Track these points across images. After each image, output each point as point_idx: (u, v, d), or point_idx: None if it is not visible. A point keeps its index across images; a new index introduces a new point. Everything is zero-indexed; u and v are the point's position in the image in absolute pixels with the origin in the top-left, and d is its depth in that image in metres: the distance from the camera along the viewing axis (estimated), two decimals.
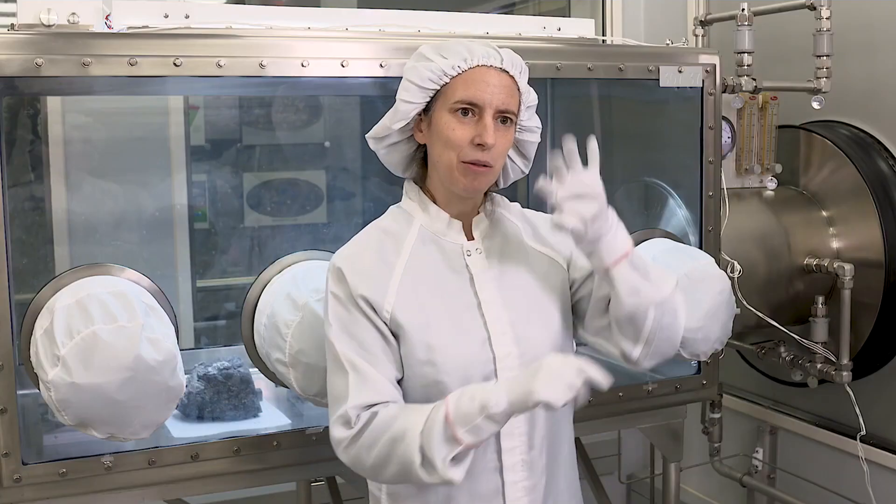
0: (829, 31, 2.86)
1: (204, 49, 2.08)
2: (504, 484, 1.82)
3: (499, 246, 1.90)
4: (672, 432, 2.77)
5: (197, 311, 2.99)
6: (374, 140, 1.89)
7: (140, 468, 2.10)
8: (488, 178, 1.82)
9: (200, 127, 3.02)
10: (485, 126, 1.76)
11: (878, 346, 2.97)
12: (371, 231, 1.89)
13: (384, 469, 1.71)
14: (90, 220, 2.76)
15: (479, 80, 1.78)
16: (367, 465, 1.73)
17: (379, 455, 1.70)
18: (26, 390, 2.11)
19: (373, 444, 1.71)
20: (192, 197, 2.96)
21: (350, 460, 1.75)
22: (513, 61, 1.83)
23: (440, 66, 1.79)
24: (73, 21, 2.04)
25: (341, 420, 1.73)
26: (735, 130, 2.97)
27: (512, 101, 1.81)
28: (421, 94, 1.81)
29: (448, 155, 1.79)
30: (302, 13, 2.35)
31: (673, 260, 2.46)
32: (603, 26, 3.71)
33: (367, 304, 1.77)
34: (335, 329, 1.79)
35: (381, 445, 1.70)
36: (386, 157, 1.92)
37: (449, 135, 1.78)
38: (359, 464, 1.74)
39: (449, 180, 1.82)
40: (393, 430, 1.69)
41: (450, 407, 1.66)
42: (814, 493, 3.22)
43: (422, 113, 1.84)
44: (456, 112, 1.78)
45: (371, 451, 1.71)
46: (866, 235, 2.95)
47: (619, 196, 3.01)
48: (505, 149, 1.83)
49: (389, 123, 1.84)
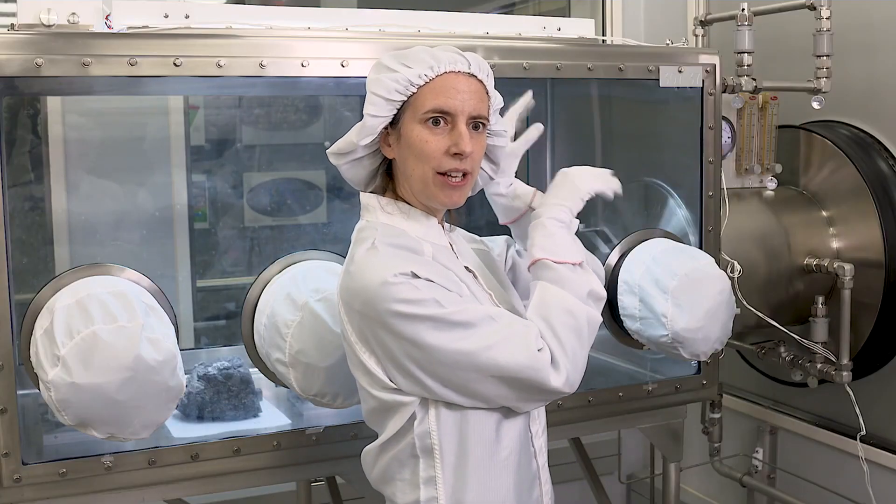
0: (829, 31, 2.86)
1: (204, 49, 2.08)
2: (538, 467, 1.86)
3: (463, 245, 1.94)
4: (672, 432, 2.77)
5: (197, 311, 2.99)
6: (337, 156, 1.83)
7: (140, 468, 2.10)
8: (464, 191, 1.79)
9: (200, 127, 3.02)
10: (460, 134, 1.72)
11: (878, 346, 2.97)
12: (389, 244, 1.75)
13: (583, 346, 1.75)
14: (90, 220, 2.76)
15: (448, 88, 1.73)
16: (576, 360, 1.73)
17: (572, 337, 1.72)
18: (26, 390, 2.11)
19: (563, 336, 1.71)
20: (192, 197, 2.96)
21: (566, 369, 1.70)
22: (479, 65, 1.78)
23: (406, 76, 1.73)
24: (73, 21, 2.04)
25: (533, 338, 1.69)
26: (735, 130, 2.97)
27: (483, 106, 1.77)
28: (388, 106, 1.76)
29: (422, 168, 1.74)
30: (302, 13, 2.35)
31: (673, 260, 2.47)
32: (603, 26, 3.71)
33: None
34: (450, 307, 1.66)
35: (568, 331, 1.72)
36: (348, 173, 1.86)
37: (423, 147, 1.73)
38: (578, 361, 1.73)
39: (424, 195, 1.78)
40: (557, 312, 1.73)
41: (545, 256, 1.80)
42: (814, 493, 3.22)
43: (388, 126, 1.78)
44: (427, 122, 1.73)
45: (568, 340, 1.71)
46: (866, 235, 2.95)
47: (619, 196, 3.01)
48: (480, 156, 1.80)
49: (356, 139, 1.79)
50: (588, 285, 1.80)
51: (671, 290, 2.40)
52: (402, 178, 1.81)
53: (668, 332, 2.40)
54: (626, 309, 2.50)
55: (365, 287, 1.69)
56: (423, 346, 1.66)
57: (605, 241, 2.90)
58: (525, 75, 2.38)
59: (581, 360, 1.75)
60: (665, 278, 2.43)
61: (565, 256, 1.80)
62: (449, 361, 1.67)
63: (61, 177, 2.72)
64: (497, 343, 1.67)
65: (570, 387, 1.73)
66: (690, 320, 2.40)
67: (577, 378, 1.74)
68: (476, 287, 1.83)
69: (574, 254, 1.82)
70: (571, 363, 1.72)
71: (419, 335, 1.66)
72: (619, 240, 2.65)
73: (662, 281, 2.43)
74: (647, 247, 2.56)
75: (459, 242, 1.93)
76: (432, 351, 1.66)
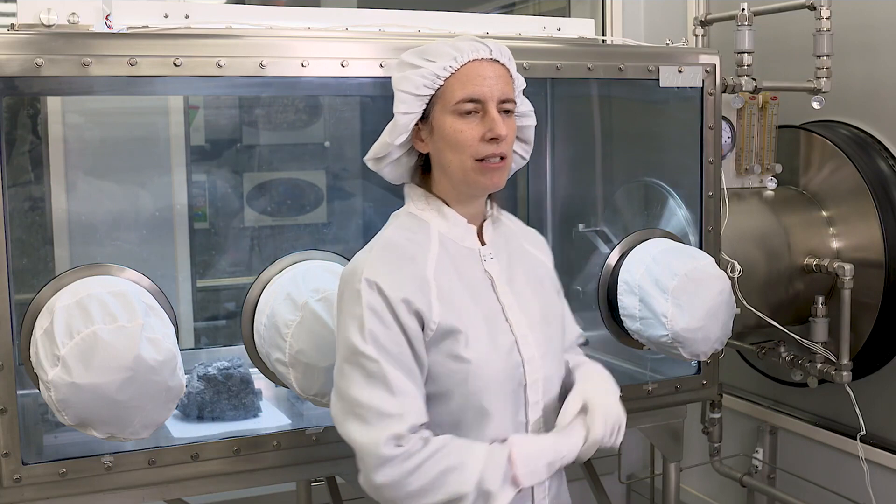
0: (829, 31, 2.86)
1: (204, 49, 2.08)
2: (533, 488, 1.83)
3: (505, 250, 1.90)
4: (672, 432, 2.77)
5: (197, 311, 2.99)
6: (375, 161, 1.86)
7: (140, 468, 2.10)
8: (505, 172, 1.81)
9: (200, 127, 3.02)
10: (493, 119, 1.75)
11: (878, 346, 2.97)
12: (390, 240, 1.81)
13: (426, 495, 1.67)
14: (90, 220, 2.76)
15: (475, 75, 1.76)
16: (407, 488, 1.67)
17: (426, 482, 1.67)
18: (26, 390, 2.11)
19: (420, 470, 1.67)
20: (192, 197, 2.96)
21: (386, 480, 1.67)
22: (500, 50, 1.81)
23: (431, 70, 1.76)
24: (73, 21, 2.04)
25: (395, 437, 1.66)
26: (735, 130, 2.97)
27: (509, 89, 1.80)
28: (417, 102, 1.78)
29: (459, 158, 1.76)
30: (302, 13, 2.35)
31: (673, 260, 2.47)
32: (603, 26, 3.71)
33: (410, 311, 1.71)
34: (371, 346, 1.69)
35: (432, 473, 1.67)
36: (390, 175, 1.88)
37: (458, 137, 1.75)
38: (398, 485, 1.67)
39: (465, 183, 1.79)
40: (448, 459, 1.68)
41: (514, 448, 1.71)
42: (814, 493, 3.22)
43: (419, 122, 1.80)
44: (459, 112, 1.75)
45: (417, 476, 1.66)
46: (866, 235, 2.95)
47: (620, 196, 3.02)
48: (513, 138, 1.82)
49: (390, 140, 1.80)
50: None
51: (671, 290, 2.40)
52: (439, 171, 1.82)
53: (668, 332, 2.40)
54: (626, 309, 2.50)
55: (344, 273, 1.80)
56: (343, 340, 1.74)
57: (605, 241, 2.90)
58: (525, 75, 2.35)
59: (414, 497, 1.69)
60: (665, 278, 2.43)
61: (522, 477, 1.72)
62: (342, 372, 1.74)
63: (61, 177, 2.72)
64: (364, 407, 1.69)
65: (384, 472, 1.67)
66: (690, 320, 2.40)
67: (388, 480, 1.67)
68: (486, 295, 1.82)
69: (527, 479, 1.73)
70: (401, 480, 1.66)
71: (347, 330, 1.73)
72: (619, 240, 2.65)
73: (662, 281, 2.43)
74: (647, 247, 2.56)
75: (499, 243, 1.89)
76: (340, 349, 1.75)
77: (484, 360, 1.76)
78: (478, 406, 1.76)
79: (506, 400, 1.79)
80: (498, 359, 1.78)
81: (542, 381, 1.84)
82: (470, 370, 1.75)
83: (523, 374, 1.81)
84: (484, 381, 1.76)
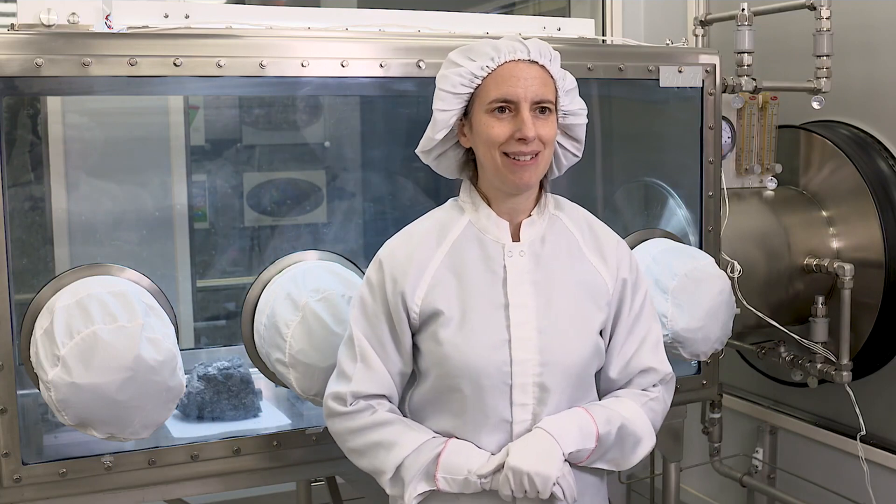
0: (829, 31, 2.86)
1: (204, 49, 2.08)
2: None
3: (549, 250, 1.88)
4: (672, 432, 2.77)
5: (197, 311, 2.98)
6: (423, 154, 1.92)
7: (140, 468, 2.10)
8: (536, 171, 1.82)
9: (200, 127, 3.02)
10: (522, 120, 1.77)
11: (878, 346, 2.97)
12: (423, 221, 1.93)
13: (357, 458, 1.87)
14: (90, 221, 2.75)
15: (509, 76, 1.79)
16: (344, 444, 1.89)
17: (359, 446, 1.85)
18: (26, 390, 2.11)
19: (358, 433, 1.85)
20: (192, 197, 2.96)
21: (333, 430, 1.90)
22: (540, 50, 1.83)
23: (469, 70, 1.80)
24: (73, 21, 2.04)
25: (338, 397, 1.86)
26: (735, 130, 2.97)
27: (546, 90, 1.81)
28: (456, 100, 1.82)
29: (490, 153, 1.80)
30: (302, 13, 2.35)
31: (673, 260, 2.47)
32: (603, 26, 3.71)
33: (396, 292, 1.82)
34: (357, 311, 1.88)
35: (366, 441, 1.85)
36: (439, 167, 1.94)
37: (488, 133, 1.79)
38: (338, 438, 1.89)
39: (498, 178, 1.83)
40: (383, 434, 1.81)
41: (445, 451, 1.78)
42: (814, 493, 3.22)
43: (462, 118, 1.85)
44: (493, 111, 1.79)
45: (354, 438, 1.86)
46: (866, 235, 2.95)
47: (620, 196, 3.02)
48: (550, 138, 1.82)
49: (432, 135, 1.86)
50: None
51: (671, 290, 2.40)
52: (479, 167, 1.88)
53: (668, 332, 2.40)
54: None
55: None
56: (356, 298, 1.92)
57: None
58: None
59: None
60: (665, 278, 2.43)
61: (440, 481, 1.80)
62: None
63: (61, 177, 2.72)
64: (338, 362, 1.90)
65: (329, 422, 1.90)
66: (690, 320, 2.40)
67: (332, 430, 1.91)
68: (493, 289, 1.82)
69: (445, 484, 1.81)
70: (342, 435, 1.89)
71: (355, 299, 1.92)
72: None
73: (662, 281, 2.43)
74: (647, 247, 2.56)
75: (537, 242, 1.88)
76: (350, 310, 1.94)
77: (459, 347, 1.79)
78: (451, 390, 1.81)
79: (483, 393, 1.79)
80: (478, 349, 1.79)
81: (537, 387, 1.81)
82: (443, 353, 1.80)
83: (510, 374, 1.79)
84: (458, 368, 1.79)
